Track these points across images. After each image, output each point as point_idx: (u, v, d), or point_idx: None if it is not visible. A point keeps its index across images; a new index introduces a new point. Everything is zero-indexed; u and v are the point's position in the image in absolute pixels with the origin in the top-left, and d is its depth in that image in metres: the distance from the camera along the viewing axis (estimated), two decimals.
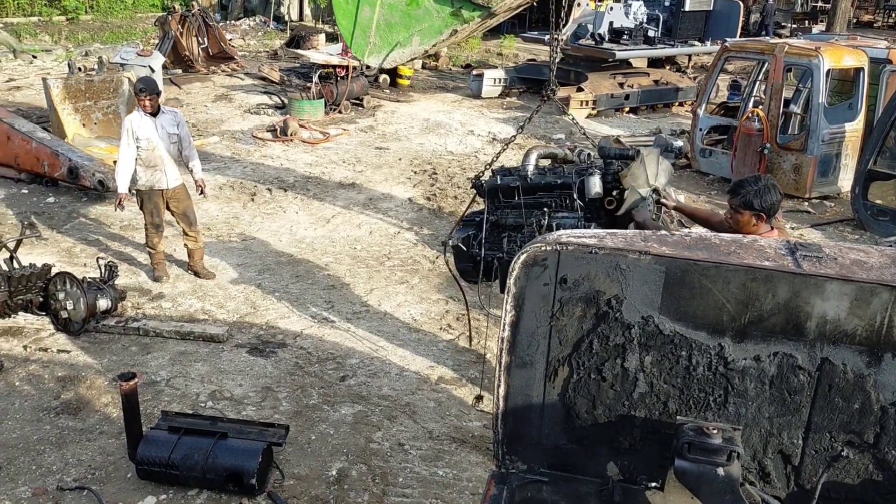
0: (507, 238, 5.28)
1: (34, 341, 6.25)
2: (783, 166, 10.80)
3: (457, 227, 5.58)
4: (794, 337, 2.51)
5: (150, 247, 7.44)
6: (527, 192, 5.18)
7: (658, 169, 5.03)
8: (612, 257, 2.58)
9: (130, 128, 7.04)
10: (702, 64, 20.20)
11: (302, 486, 4.67)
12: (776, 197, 4.06)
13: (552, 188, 5.10)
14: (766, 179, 4.14)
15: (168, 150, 7.15)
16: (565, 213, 5.05)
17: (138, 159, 7.07)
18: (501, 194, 5.28)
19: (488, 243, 5.31)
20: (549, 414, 2.82)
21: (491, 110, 16.08)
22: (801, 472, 2.65)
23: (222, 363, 6.03)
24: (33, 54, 19.91)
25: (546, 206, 5.11)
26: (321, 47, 19.70)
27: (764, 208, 4.02)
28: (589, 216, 4.99)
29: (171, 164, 7.21)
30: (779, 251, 2.58)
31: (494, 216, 5.31)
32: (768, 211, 4.05)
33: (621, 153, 5.18)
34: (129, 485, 4.62)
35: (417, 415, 5.48)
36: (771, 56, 10.89)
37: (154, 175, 7.14)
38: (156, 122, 7.09)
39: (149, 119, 7.06)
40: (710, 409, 2.64)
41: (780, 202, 4.13)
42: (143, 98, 7.02)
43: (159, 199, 7.26)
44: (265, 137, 12.91)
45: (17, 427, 5.14)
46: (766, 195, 4.01)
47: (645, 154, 5.02)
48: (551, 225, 4.95)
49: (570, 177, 5.08)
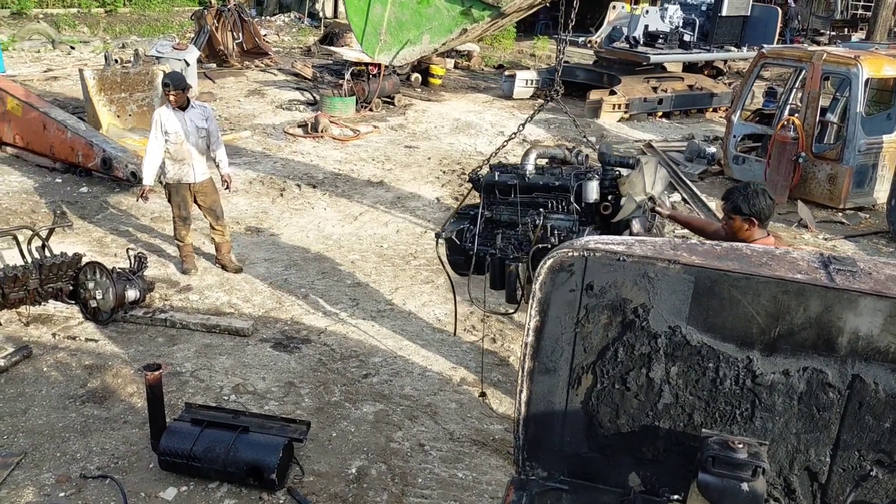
0: (501, 235, 5.26)
1: (63, 329, 6.33)
2: (818, 176, 10.64)
3: (451, 220, 5.57)
4: (824, 352, 2.46)
5: (178, 239, 7.53)
6: (523, 191, 5.16)
7: (655, 177, 5.01)
8: (640, 265, 2.54)
9: (160, 121, 7.14)
10: (737, 70, 19.97)
11: (321, 483, 4.67)
12: (765, 202, 4.13)
13: (549, 189, 5.07)
14: (755, 185, 4.25)
15: (196, 144, 7.23)
16: (560, 216, 5.02)
17: (167, 153, 7.18)
18: (498, 191, 5.26)
19: (481, 238, 5.29)
20: (572, 421, 2.79)
21: (522, 111, 16.00)
22: (828, 490, 2.59)
23: (246, 357, 6.06)
24: (71, 45, 20.21)
25: (542, 206, 5.09)
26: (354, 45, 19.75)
27: (753, 213, 4.11)
28: (584, 220, 4.95)
29: (198, 159, 7.29)
30: (812, 264, 2.52)
31: (490, 212, 5.29)
32: (758, 215, 4.13)
33: (620, 160, 5.13)
34: (150, 475, 4.66)
35: (439, 416, 5.46)
36: (809, 64, 10.72)
37: (182, 169, 7.23)
38: (185, 117, 7.17)
39: (178, 113, 7.16)
40: (737, 423, 2.60)
41: (772, 207, 4.18)
42: (168, 92, 7.12)
43: (186, 193, 7.35)
44: (296, 133, 12.97)
45: (44, 414, 5.21)
46: (755, 200, 4.10)
47: (644, 162, 4.98)
48: (545, 226, 4.94)
49: (569, 180, 5.05)
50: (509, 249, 5.16)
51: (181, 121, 7.15)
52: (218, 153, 7.49)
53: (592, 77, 17.31)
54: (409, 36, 4.69)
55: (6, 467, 4.61)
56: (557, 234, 4.92)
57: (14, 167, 10.27)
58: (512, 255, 5.13)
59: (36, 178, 9.96)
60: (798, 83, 11.37)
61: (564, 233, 4.92)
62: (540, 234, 4.93)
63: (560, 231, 4.94)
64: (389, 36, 4.74)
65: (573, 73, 18.11)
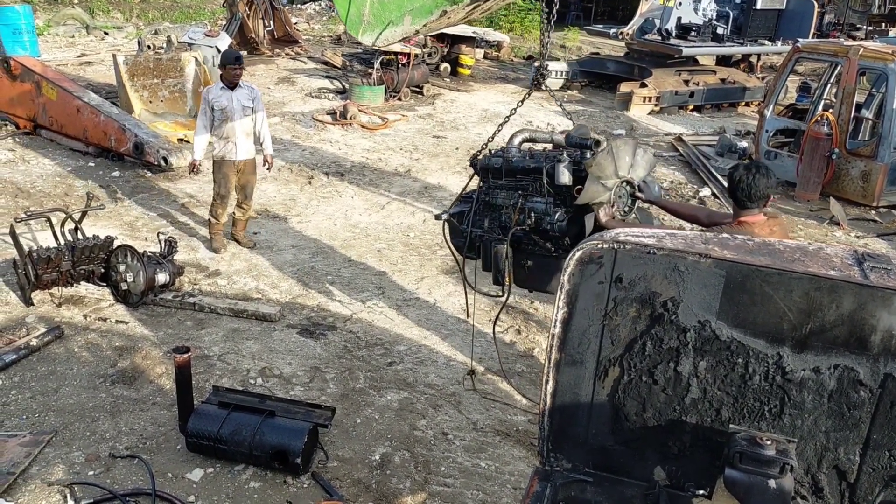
0: (490, 217, 5.26)
1: (94, 311, 6.43)
2: (851, 173, 10.48)
3: (455, 203, 5.58)
4: (856, 350, 2.43)
5: (213, 216, 7.70)
6: (508, 175, 5.15)
7: (634, 160, 4.77)
8: (670, 258, 2.53)
9: (208, 98, 7.40)
10: (771, 64, 19.69)
11: (345, 469, 4.71)
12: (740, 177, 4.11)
13: (528, 172, 5.04)
14: (751, 163, 4.26)
15: (241, 122, 7.41)
16: (538, 198, 4.96)
17: (213, 130, 7.41)
18: (491, 174, 5.26)
19: (478, 221, 5.29)
20: (597, 414, 2.79)
21: (551, 103, 15.92)
22: (856, 489, 2.56)
23: (273, 342, 6.12)
24: (105, 31, 20.42)
25: (524, 189, 5.06)
26: None
27: (731, 186, 4.17)
28: (558, 202, 4.88)
29: (242, 137, 7.48)
30: (845, 261, 2.49)
31: (486, 195, 5.29)
32: (734, 190, 4.16)
33: (580, 142, 4.90)
34: (178, 456, 4.73)
35: (462, 405, 5.48)
36: (844, 58, 10.54)
37: (226, 146, 7.45)
38: (232, 95, 7.38)
39: (226, 91, 7.37)
40: (765, 420, 2.58)
41: (753, 188, 4.11)
42: (233, 69, 7.35)
43: (229, 170, 7.54)
44: (325, 120, 13.02)
45: (74, 393, 5.30)
46: (737, 174, 4.15)
47: (617, 143, 4.72)
48: (524, 208, 4.90)
49: (543, 162, 4.99)
50: (496, 232, 5.17)
51: (228, 99, 7.36)
52: (263, 133, 7.68)
53: (623, 69, 17.18)
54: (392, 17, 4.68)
55: (37, 445, 4.70)
56: (533, 217, 4.88)
57: (49, 151, 10.43)
58: (497, 237, 5.14)
59: (69, 161, 10.10)
60: (833, 78, 11.19)
61: (539, 216, 4.87)
62: (519, 217, 4.91)
63: (536, 214, 4.89)
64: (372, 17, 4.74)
65: (603, 64, 17.99)
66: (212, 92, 7.45)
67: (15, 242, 6.38)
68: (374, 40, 4.91)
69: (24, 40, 14.98)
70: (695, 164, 11.87)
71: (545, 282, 5.17)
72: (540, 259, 5.08)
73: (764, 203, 4.20)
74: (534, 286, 5.31)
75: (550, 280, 5.11)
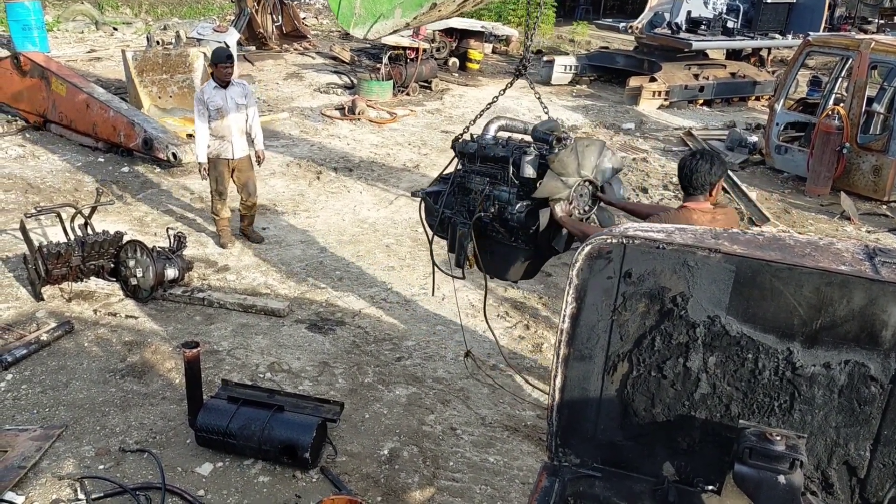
0: (460, 200, 5.29)
1: (104, 306, 6.45)
2: (862, 167, 10.41)
3: (434, 182, 5.61)
4: (867, 346, 2.41)
5: (214, 213, 7.71)
6: (482, 161, 5.17)
7: (599, 161, 4.82)
8: (680, 253, 2.51)
9: (202, 98, 7.31)
10: (781, 58, 19.58)
11: (354, 464, 4.72)
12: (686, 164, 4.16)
13: (496, 160, 5.06)
14: (699, 151, 4.28)
15: (236, 120, 7.38)
16: (503, 187, 4.99)
17: (209, 129, 7.33)
18: (467, 159, 5.28)
19: (449, 203, 5.32)
20: (606, 409, 2.78)
21: (560, 97, 15.90)
22: (866, 485, 2.55)
23: (282, 337, 6.13)
24: (114, 26, 20.47)
25: (493, 176, 5.09)
26: None
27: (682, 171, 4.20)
28: (521, 193, 4.89)
29: (237, 135, 7.44)
30: (856, 256, 2.47)
31: (462, 179, 5.32)
32: (681, 178, 4.21)
33: (543, 137, 4.93)
34: (187, 450, 4.75)
35: (471, 400, 5.48)
36: (856, 52, 10.47)
37: (222, 145, 7.40)
38: (226, 94, 7.33)
39: (220, 90, 7.31)
40: (775, 415, 2.56)
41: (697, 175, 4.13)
42: (225, 67, 7.30)
43: (224, 168, 7.51)
44: (333, 116, 13.03)
45: (85, 388, 5.33)
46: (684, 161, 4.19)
47: (583, 143, 4.75)
48: (489, 195, 4.93)
49: (510, 152, 5.01)
50: (462, 215, 5.21)
51: (223, 98, 7.31)
52: (255, 129, 7.64)
53: (632, 63, 17.11)
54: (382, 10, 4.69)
55: (48, 439, 4.72)
56: (497, 205, 4.92)
57: (58, 146, 10.47)
58: (462, 220, 5.18)
59: (79, 157, 10.14)
60: (844, 72, 11.11)
61: (502, 204, 4.91)
62: (484, 203, 4.94)
63: (499, 202, 4.92)
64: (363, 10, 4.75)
65: (613, 59, 17.92)
66: (206, 92, 7.35)
67: (25, 238, 6.41)
68: (364, 33, 4.94)
69: (33, 36, 15.05)
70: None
71: (504, 269, 5.20)
72: (501, 247, 5.12)
73: (710, 191, 4.20)
74: (494, 273, 5.35)
75: (508, 268, 5.14)
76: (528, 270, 5.21)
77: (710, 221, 4.08)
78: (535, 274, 5.33)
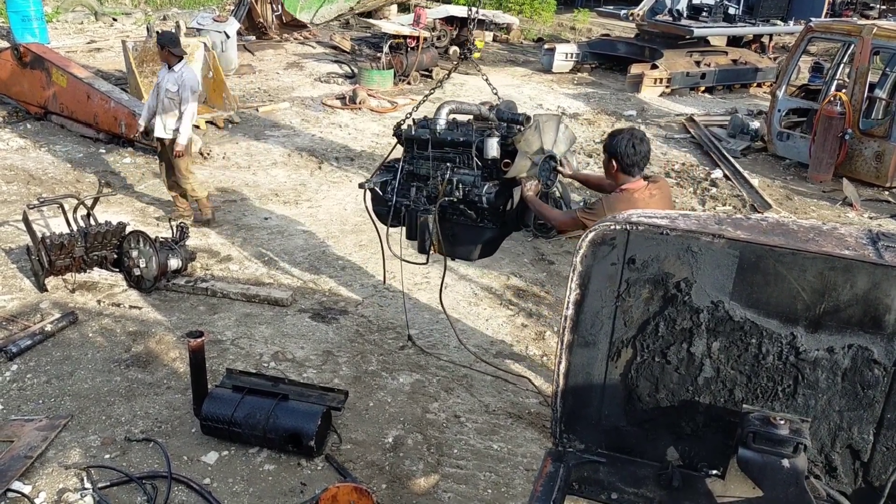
0: (416, 188, 5.31)
1: (108, 296, 6.47)
2: (864, 153, 10.40)
3: (377, 172, 5.63)
4: (871, 330, 2.42)
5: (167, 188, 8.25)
6: (436, 146, 5.20)
7: (557, 136, 5.02)
8: (683, 239, 2.52)
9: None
10: (783, 44, 19.51)
11: (358, 451, 4.74)
12: (626, 148, 4.33)
13: (456, 145, 5.09)
14: (631, 131, 4.45)
15: (162, 102, 7.79)
16: (466, 171, 5.07)
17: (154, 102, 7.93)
18: (416, 145, 5.30)
19: (401, 191, 5.37)
20: (610, 395, 2.79)
21: (561, 85, 15.86)
22: (870, 468, 2.56)
23: (285, 326, 6.14)
24: (114, 17, 20.40)
25: (451, 161, 5.14)
26: (393, 17, 19.69)
27: (615, 154, 4.38)
28: (486, 175, 5.00)
29: (163, 116, 7.82)
30: (860, 240, 2.48)
31: (411, 165, 5.34)
32: (619, 158, 4.38)
33: (512, 118, 5.10)
34: (192, 439, 4.77)
35: (474, 388, 5.50)
36: (858, 38, 10.44)
37: (154, 120, 7.92)
38: (165, 75, 7.82)
39: (163, 70, 7.91)
40: (778, 399, 2.57)
41: (637, 156, 4.36)
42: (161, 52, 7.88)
43: (159, 145, 8.04)
44: (334, 105, 13.01)
45: (90, 377, 5.35)
46: (620, 144, 4.35)
47: (542, 120, 4.93)
48: (452, 180, 5.01)
49: (472, 136, 5.08)
50: (422, 202, 5.24)
51: (160, 77, 7.88)
52: (182, 120, 7.85)
53: (634, 51, 17.06)
54: None
55: (54, 429, 4.75)
56: (462, 188, 4.99)
57: (59, 137, 10.46)
58: (423, 207, 5.22)
59: (80, 148, 10.14)
60: (846, 58, 11.08)
61: (468, 187, 4.98)
62: (447, 188, 4.99)
63: (464, 185, 4.99)
64: None
65: (614, 46, 17.87)
66: (160, 71, 8.04)
67: (28, 229, 6.42)
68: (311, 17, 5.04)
69: (33, 27, 14.98)
70: (706, 146, 11.80)
71: (468, 251, 5.34)
72: (463, 228, 5.22)
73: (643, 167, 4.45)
74: (457, 254, 5.46)
75: (473, 249, 5.30)
76: (491, 248, 5.41)
77: (650, 198, 4.37)
78: (495, 251, 5.53)
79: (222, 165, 10.01)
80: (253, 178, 9.65)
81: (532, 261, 7.71)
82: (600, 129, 12.69)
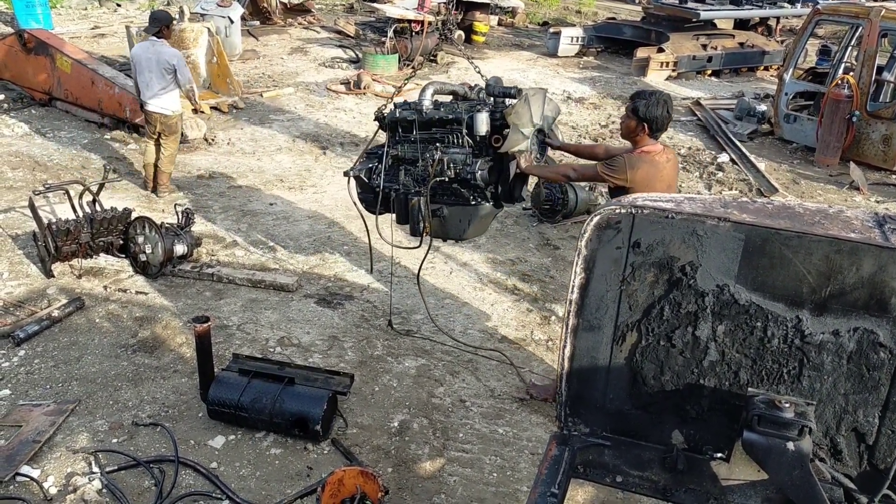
0: (404, 171, 5.30)
1: (114, 282, 6.49)
2: (871, 136, 10.34)
3: (361, 159, 5.61)
4: (876, 313, 2.41)
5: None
6: (422, 127, 5.20)
7: (544, 108, 5.08)
8: (689, 223, 2.51)
9: None
10: (790, 27, 19.36)
11: (364, 436, 4.76)
12: (661, 112, 4.46)
13: (444, 123, 5.09)
14: (659, 95, 4.54)
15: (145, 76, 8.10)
16: (456, 149, 5.08)
17: None
18: (401, 128, 5.28)
19: (388, 176, 5.36)
20: (615, 378, 2.79)
21: (567, 69, 15.78)
22: (875, 451, 2.56)
23: (291, 312, 6.16)
24: (117, 2, 20.34)
25: (440, 141, 5.15)
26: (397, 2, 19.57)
27: (646, 118, 4.47)
28: (476, 153, 5.02)
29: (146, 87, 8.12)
30: (866, 223, 2.47)
31: (395, 150, 5.33)
32: (650, 122, 4.48)
33: (503, 91, 5.15)
34: (199, 424, 4.80)
35: (480, 372, 5.51)
36: (866, 20, 10.35)
37: None
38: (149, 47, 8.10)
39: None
40: (783, 382, 2.57)
41: (666, 120, 4.51)
42: None
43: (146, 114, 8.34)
44: (339, 90, 12.97)
45: (97, 362, 5.37)
46: (653, 108, 4.45)
47: (529, 93, 4.98)
48: (443, 159, 5.02)
49: (461, 113, 5.07)
50: (411, 185, 5.24)
51: None
52: None
53: (640, 34, 16.96)
54: None
55: (61, 414, 4.78)
56: (453, 167, 5.00)
57: (64, 123, 10.46)
58: (414, 190, 5.22)
59: (85, 133, 10.13)
60: (854, 41, 11.00)
61: (459, 166, 4.99)
62: (438, 168, 5.00)
63: (455, 164, 5.00)
64: None
65: (620, 30, 17.76)
66: None
67: (34, 215, 6.43)
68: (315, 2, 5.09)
69: (37, 13, 14.98)
70: (713, 130, 11.75)
71: (461, 229, 5.37)
72: (455, 208, 5.25)
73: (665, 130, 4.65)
74: (449, 235, 5.49)
75: (467, 227, 5.34)
76: (484, 226, 5.47)
77: (666, 162, 4.53)
78: (486, 230, 5.59)
79: (227, 151, 10.01)
80: (258, 164, 9.64)
81: (537, 246, 7.70)
82: (605, 113, 12.64)
